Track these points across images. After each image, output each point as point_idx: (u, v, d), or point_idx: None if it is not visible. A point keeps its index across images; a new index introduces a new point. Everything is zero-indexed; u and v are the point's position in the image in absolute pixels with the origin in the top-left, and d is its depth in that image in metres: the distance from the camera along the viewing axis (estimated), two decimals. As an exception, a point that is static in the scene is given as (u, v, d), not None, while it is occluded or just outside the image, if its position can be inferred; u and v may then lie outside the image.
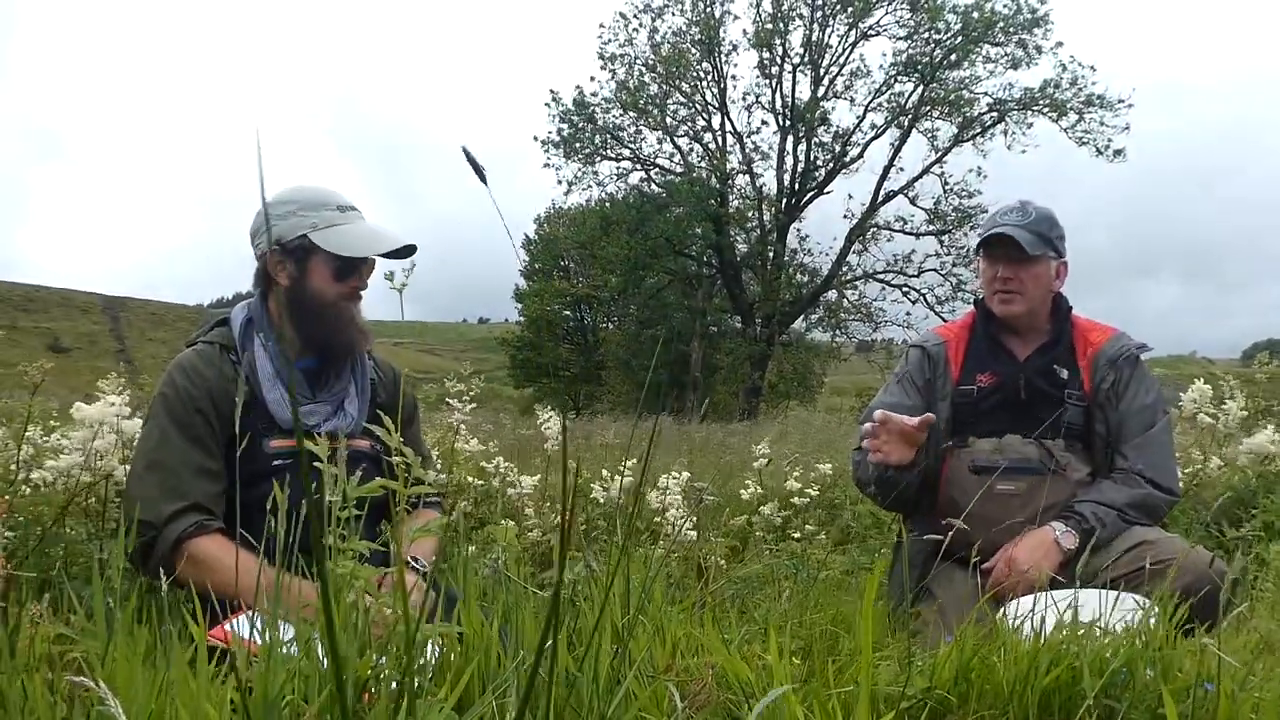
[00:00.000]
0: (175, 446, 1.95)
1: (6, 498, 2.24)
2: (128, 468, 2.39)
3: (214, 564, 1.81)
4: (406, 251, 2.11)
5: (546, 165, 28.60)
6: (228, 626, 1.42)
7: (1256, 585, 2.53)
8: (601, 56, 28.57)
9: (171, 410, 1.97)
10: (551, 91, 28.42)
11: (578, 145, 28.48)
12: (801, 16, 28.03)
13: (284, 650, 1.06)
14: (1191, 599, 1.84)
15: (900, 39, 27.56)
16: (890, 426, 2.28)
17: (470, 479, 3.79)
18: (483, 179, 0.65)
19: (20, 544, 2.35)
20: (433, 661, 1.19)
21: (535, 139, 28.55)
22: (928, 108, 27.34)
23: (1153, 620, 1.46)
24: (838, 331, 29.13)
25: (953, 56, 26.67)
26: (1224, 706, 1.10)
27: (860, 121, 28.53)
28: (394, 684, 1.01)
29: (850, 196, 28.86)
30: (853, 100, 28.49)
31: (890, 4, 27.20)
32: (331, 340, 2.10)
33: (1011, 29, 25.90)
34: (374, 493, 1.29)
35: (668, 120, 28.77)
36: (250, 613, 1.38)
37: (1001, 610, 1.88)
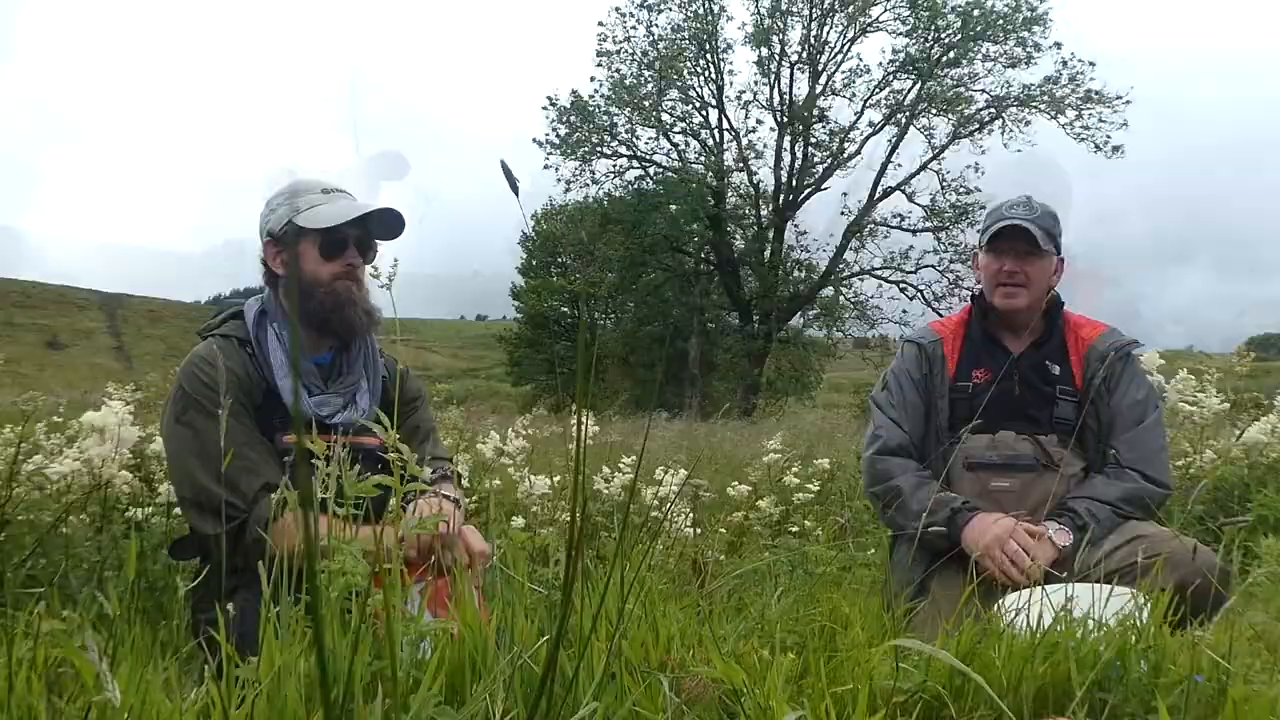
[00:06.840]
0: (233, 429, 1.94)
1: None
2: (164, 456, 2.38)
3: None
4: (393, 223, 2.12)
5: (546, 166, 28.56)
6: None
7: (1248, 579, 2.54)
8: (599, 54, 28.57)
9: (211, 400, 1.96)
10: (549, 97, 28.41)
11: (575, 143, 28.44)
12: (800, 14, 28.00)
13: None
14: (1187, 592, 1.84)
15: (900, 34, 27.56)
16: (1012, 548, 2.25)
17: (487, 482, 3.81)
18: (515, 191, 0.66)
19: (17, 547, 2.34)
20: (427, 656, 1.19)
21: (535, 141, 28.51)
22: (924, 104, 27.32)
23: (1145, 614, 1.46)
24: (833, 330, 29.11)
25: (951, 54, 26.65)
26: (1215, 699, 1.11)
27: (858, 119, 28.52)
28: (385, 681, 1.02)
29: (845, 194, 28.81)
30: (851, 98, 28.48)
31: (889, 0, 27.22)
32: (328, 320, 2.10)
33: (1011, 27, 25.87)
34: (370, 493, 1.32)
35: (664, 117, 28.73)
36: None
37: (997, 605, 1.89)
